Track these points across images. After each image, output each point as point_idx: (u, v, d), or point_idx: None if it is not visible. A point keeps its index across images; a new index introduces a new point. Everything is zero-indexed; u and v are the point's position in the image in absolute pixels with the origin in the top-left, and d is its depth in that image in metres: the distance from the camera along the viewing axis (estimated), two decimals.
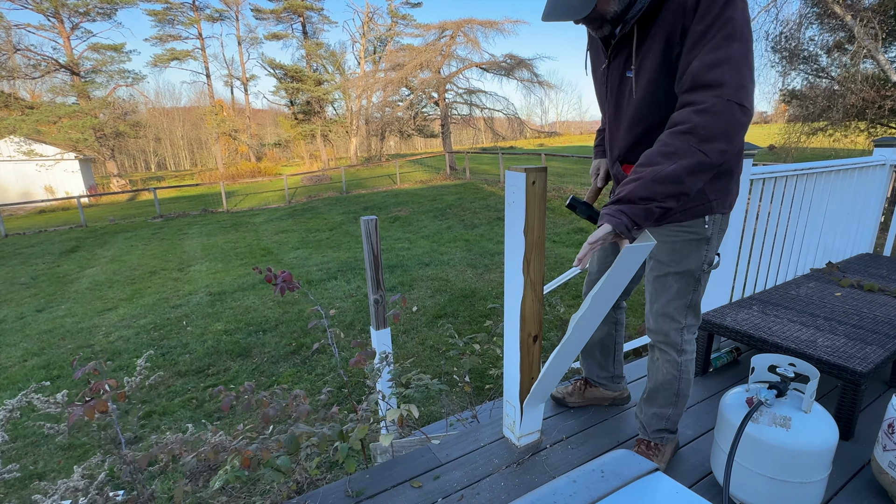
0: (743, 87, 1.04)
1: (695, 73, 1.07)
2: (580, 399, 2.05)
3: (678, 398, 1.63)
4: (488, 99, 24.72)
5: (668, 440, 1.70)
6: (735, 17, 1.04)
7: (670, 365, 1.59)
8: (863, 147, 11.65)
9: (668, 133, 1.10)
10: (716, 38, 1.04)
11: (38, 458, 3.56)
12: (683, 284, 1.47)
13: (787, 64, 11.27)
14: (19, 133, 22.24)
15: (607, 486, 0.61)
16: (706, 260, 1.44)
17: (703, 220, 1.38)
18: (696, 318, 1.55)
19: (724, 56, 1.03)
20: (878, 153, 3.19)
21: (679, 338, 1.55)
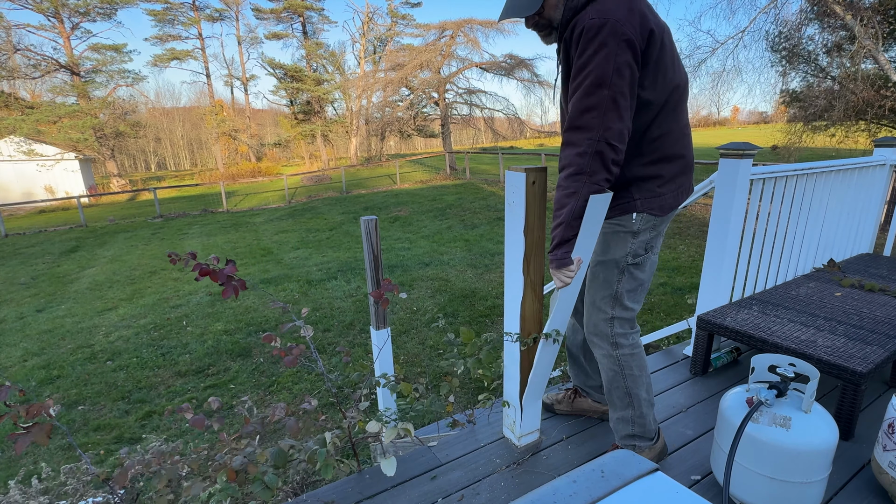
0: (609, 129, 1.26)
1: (571, 117, 1.29)
2: (568, 408, 2.04)
3: (631, 398, 1.61)
4: (488, 99, 24.75)
5: (641, 448, 1.65)
6: (605, 66, 1.23)
7: (608, 360, 1.61)
8: (864, 147, 11.65)
9: (564, 177, 1.32)
10: (586, 83, 1.25)
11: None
12: (608, 273, 1.54)
13: (787, 63, 11.26)
14: (19, 133, 22.24)
15: (607, 486, 0.61)
16: (630, 251, 1.50)
17: (630, 216, 1.48)
18: (625, 311, 1.56)
19: (594, 102, 1.25)
20: (878, 153, 3.19)
21: (608, 329, 1.57)
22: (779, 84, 12.09)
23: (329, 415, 3.60)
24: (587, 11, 1.28)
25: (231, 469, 1.40)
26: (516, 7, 1.36)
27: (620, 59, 1.23)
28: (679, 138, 1.45)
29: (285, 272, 8.27)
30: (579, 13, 1.30)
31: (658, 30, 1.30)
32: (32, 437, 1.24)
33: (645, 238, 1.51)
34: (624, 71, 1.24)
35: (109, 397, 4.39)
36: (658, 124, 1.39)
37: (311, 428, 1.63)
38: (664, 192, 1.47)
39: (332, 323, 5.68)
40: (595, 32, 1.23)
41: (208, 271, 1.48)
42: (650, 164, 1.43)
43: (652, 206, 1.47)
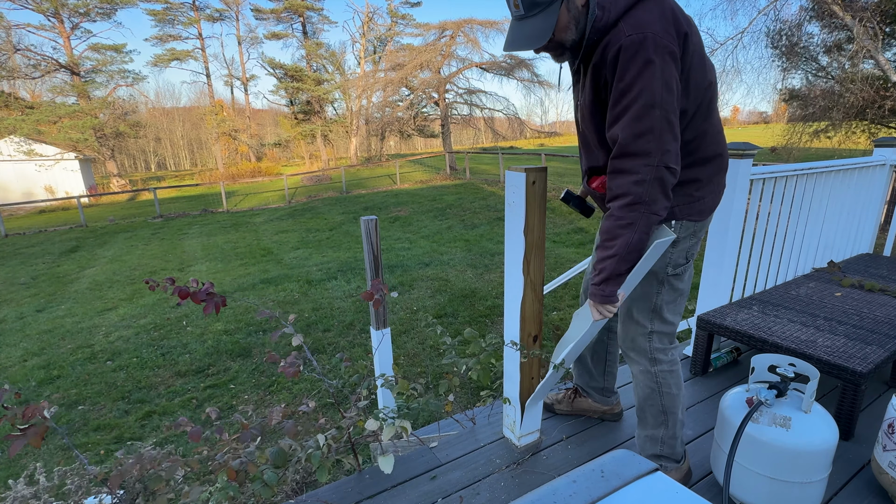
0: (668, 152, 1.17)
1: (623, 143, 1.18)
2: (568, 407, 2.03)
3: (667, 416, 1.55)
4: (488, 99, 24.77)
5: (668, 469, 1.59)
6: (653, 85, 1.13)
7: (645, 377, 1.54)
8: (864, 147, 11.65)
9: (618, 206, 1.22)
10: (636, 105, 1.15)
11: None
12: (647, 286, 1.46)
13: (787, 60, 11.25)
14: (19, 133, 22.25)
15: (607, 486, 0.61)
16: (671, 262, 1.44)
17: (669, 224, 1.40)
18: (665, 324, 1.50)
19: (647, 126, 1.15)
20: (878, 153, 3.19)
21: (647, 344, 1.50)
22: (779, 83, 12.10)
23: (329, 415, 3.60)
24: (620, 28, 1.16)
25: (231, 468, 1.40)
26: (522, 39, 1.23)
27: (667, 74, 1.14)
28: (714, 137, 1.36)
29: (285, 272, 8.27)
30: (609, 32, 1.18)
31: (689, 30, 1.21)
32: (26, 440, 1.25)
33: (685, 247, 1.44)
34: (672, 86, 1.15)
35: (109, 397, 4.38)
36: (693, 127, 1.30)
37: (310, 429, 1.63)
38: (703, 196, 1.39)
39: (332, 323, 5.68)
40: (636, 50, 1.13)
41: (188, 293, 1.49)
42: (686, 169, 1.33)
43: (691, 212, 1.39)
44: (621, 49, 1.14)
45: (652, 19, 1.15)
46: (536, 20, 1.20)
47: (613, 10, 1.17)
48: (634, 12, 1.17)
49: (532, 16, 1.20)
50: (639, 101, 1.14)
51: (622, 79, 1.15)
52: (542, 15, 1.19)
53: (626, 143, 1.17)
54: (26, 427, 1.27)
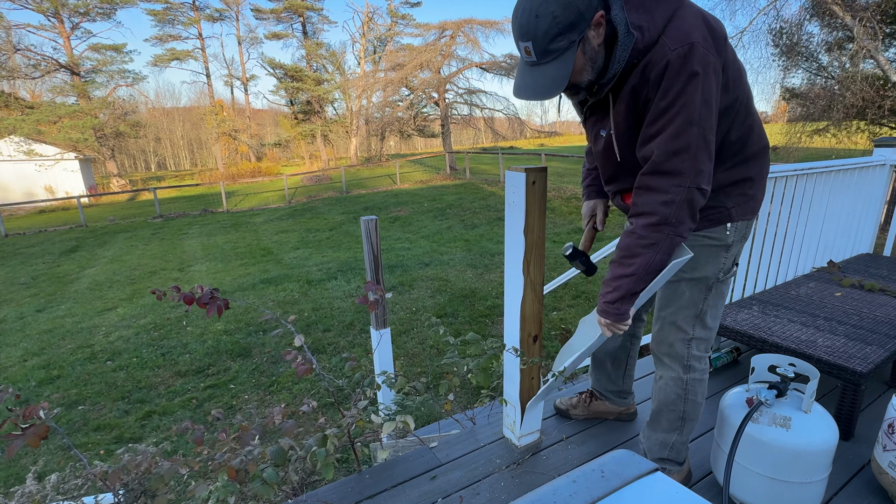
0: (701, 172, 1.11)
1: (657, 161, 1.12)
2: (584, 412, 2.02)
3: (684, 423, 1.52)
4: (488, 99, 24.77)
5: (671, 472, 1.59)
6: (695, 101, 1.07)
7: (674, 383, 1.50)
8: (864, 147, 11.65)
9: (642, 225, 1.17)
10: (675, 122, 1.08)
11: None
12: (696, 292, 1.40)
13: (787, 59, 11.25)
14: (19, 133, 22.25)
15: (607, 486, 0.61)
16: (723, 268, 1.39)
17: (724, 227, 1.34)
18: (706, 330, 1.46)
19: (684, 144, 1.09)
20: (878, 153, 3.19)
21: (685, 350, 1.46)
22: (778, 83, 12.10)
23: (329, 415, 3.60)
24: (662, 44, 1.08)
25: (231, 468, 1.40)
26: (536, 88, 1.14)
27: (708, 89, 1.08)
28: (759, 131, 1.29)
29: (285, 272, 8.27)
30: (649, 51, 1.09)
31: (721, 28, 1.15)
32: (24, 440, 1.25)
33: (736, 250, 1.39)
34: (711, 102, 1.10)
35: (109, 397, 4.38)
36: (739, 124, 1.23)
37: (310, 429, 1.64)
38: (756, 193, 1.34)
39: (332, 323, 5.68)
40: (682, 62, 1.05)
41: (193, 299, 1.53)
42: (735, 168, 1.27)
43: (746, 212, 1.34)
44: (668, 65, 1.06)
45: (692, 26, 1.08)
46: (549, 68, 1.10)
47: (653, 27, 1.09)
48: (674, 23, 1.09)
49: (545, 63, 1.10)
50: (679, 117, 1.08)
51: (665, 96, 1.09)
52: (557, 62, 1.09)
53: (660, 160, 1.11)
54: (26, 427, 1.27)
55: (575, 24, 1.05)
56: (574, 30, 1.06)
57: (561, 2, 1.04)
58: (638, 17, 1.09)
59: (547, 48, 1.07)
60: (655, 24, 1.09)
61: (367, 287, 1.82)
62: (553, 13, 1.04)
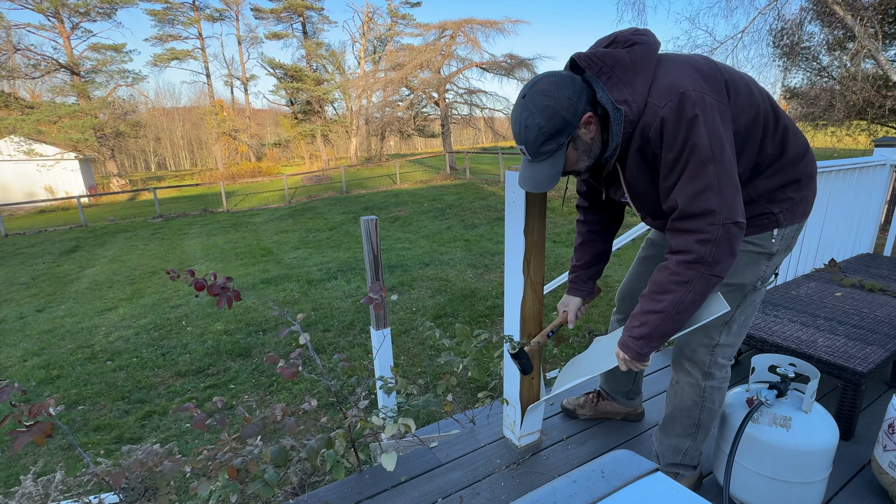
0: (732, 206, 1.09)
1: (682, 206, 1.12)
2: (592, 412, 2.01)
3: (698, 430, 1.49)
4: (488, 99, 24.81)
5: (683, 477, 1.58)
6: (700, 142, 1.07)
7: (692, 389, 1.46)
8: (864, 146, 11.65)
9: (676, 262, 1.15)
10: (689, 167, 1.09)
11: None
12: (729, 298, 1.34)
13: (788, 59, 11.25)
14: (19, 133, 22.25)
15: (607, 486, 0.61)
16: (762, 276, 1.34)
17: (770, 233, 1.29)
18: (732, 338, 1.41)
19: (704, 185, 1.08)
20: (879, 153, 3.19)
21: (707, 357, 1.42)
22: (778, 83, 12.10)
23: (330, 414, 3.60)
24: (651, 106, 1.10)
25: (231, 467, 1.40)
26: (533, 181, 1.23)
27: (713, 125, 1.07)
28: (795, 133, 1.26)
29: (285, 272, 8.27)
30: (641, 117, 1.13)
31: (716, 64, 1.18)
32: (30, 437, 1.24)
33: (779, 260, 1.35)
34: (721, 137, 1.08)
35: (109, 397, 4.39)
36: (771, 135, 1.22)
37: (311, 428, 1.64)
38: (805, 195, 1.29)
39: (332, 323, 5.68)
40: (676, 113, 1.07)
41: (204, 285, 1.54)
42: (776, 175, 1.25)
43: (794, 216, 1.29)
44: (664, 120, 1.09)
45: (676, 77, 1.10)
46: (544, 165, 1.20)
47: (637, 97, 1.12)
48: (656, 84, 1.12)
49: (539, 161, 1.20)
50: (691, 162, 1.08)
51: (671, 148, 1.10)
52: (549, 161, 1.20)
53: (686, 205, 1.10)
54: (31, 424, 1.26)
55: (561, 130, 1.15)
56: (561, 135, 1.15)
57: (546, 114, 1.13)
58: (620, 93, 1.13)
59: (538, 151, 1.18)
60: (638, 93, 1.12)
61: (373, 287, 1.82)
62: (539, 125, 1.14)
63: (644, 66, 1.13)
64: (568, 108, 1.13)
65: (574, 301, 1.64)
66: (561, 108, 1.13)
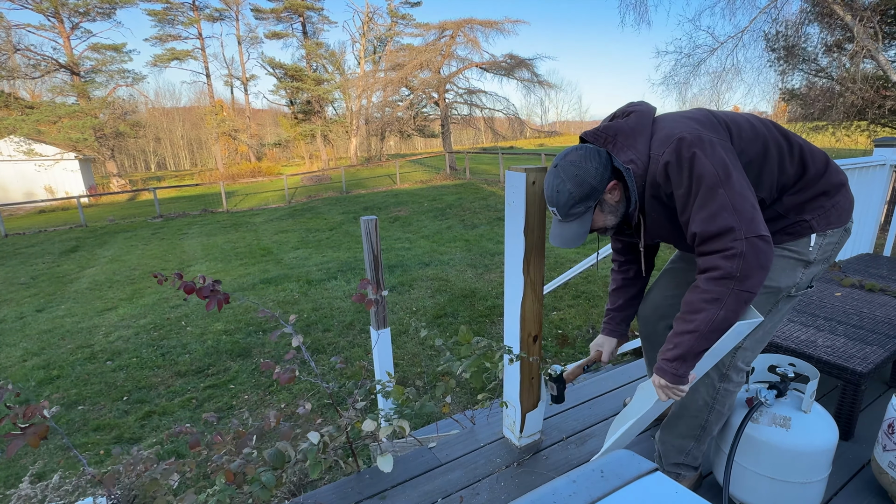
0: (752, 220, 1.10)
1: (701, 232, 1.15)
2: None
3: (703, 432, 1.48)
4: (488, 99, 24.73)
5: (684, 477, 1.58)
6: (705, 171, 1.12)
7: (706, 389, 1.43)
8: (864, 147, 11.65)
9: (705, 279, 1.16)
10: (700, 195, 1.14)
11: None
12: (762, 301, 1.33)
13: (786, 63, 11.26)
14: (19, 133, 22.24)
15: (607, 486, 0.61)
16: (798, 283, 1.33)
17: (807, 239, 1.29)
18: (754, 343, 1.39)
19: (718, 207, 1.11)
20: (878, 153, 3.19)
21: (728, 358, 1.39)
22: (778, 84, 12.09)
23: (328, 416, 3.60)
24: (653, 158, 1.20)
25: (228, 471, 1.40)
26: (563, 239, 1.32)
27: (715, 157, 1.13)
28: (812, 152, 1.30)
29: (285, 272, 8.27)
30: (648, 170, 1.22)
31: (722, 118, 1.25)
32: (25, 440, 1.24)
33: (816, 270, 1.34)
34: (727, 163, 1.13)
35: (109, 397, 4.38)
36: (788, 160, 1.26)
37: (307, 430, 1.63)
38: (838, 202, 1.31)
39: (332, 323, 5.68)
40: (677, 154, 1.15)
41: (193, 288, 1.54)
42: (801, 191, 1.28)
43: (830, 220, 1.29)
44: (668, 164, 1.17)
45: (671, 128, 1.20)
46: (573, 225, 1.31)
47: (641, 154, 1.23)
48: (655, 138, 1.22)
49: (569, 221, 1.31)
50: (701, 191, 1.13)
51: (680, 185, 1.17)
52: (578, 221, 1.30)
53: (704, 229, 1.14)
54: (26, 426, 1.26)
55: (589, 195, 1.27)
56: (589, 199, 1.27)
57: (576, 181, 1.25)
58: (625, 155, 1.25)
59: (568, 213, 1.30)
60: (641, 151, 1.24)
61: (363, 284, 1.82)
62: (570, 191, 1.26)
63: (642, 129, 1.25)
64: (595, 177, 1.25)
65: (610, 342, 1.69)
66: (588, 177, 1.25)
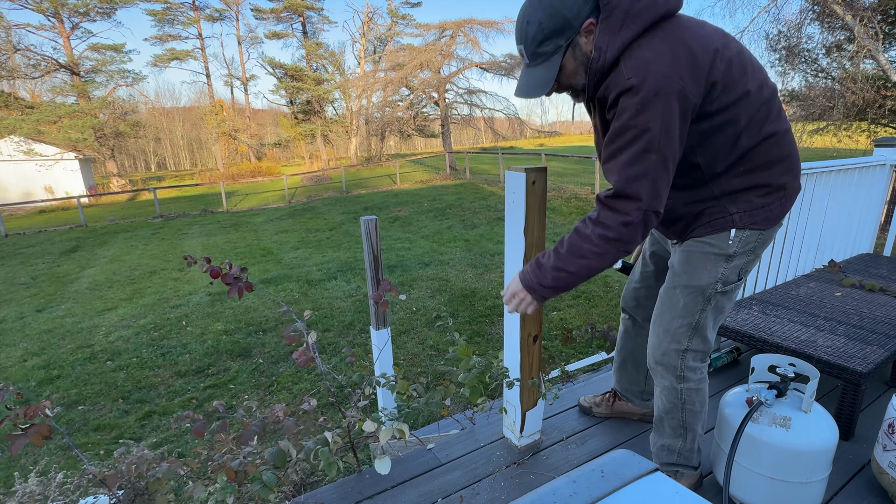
0: (658, 197, 1.15)
1: (618, 187, 1.16)
2: (608, 411, 2.01)
3: (686, 431, 1.51)
4: (488, 99, 24.78)
5: (683, 475, 1.58)
6: (651, 128, 1.09)
7: (669, 393, 1.48)
8: (864, 147, 11.65)
9: (599, 236, 1.19)
10: (632, 148, 1.12)
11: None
12: (690, 301, 1.36)
13: (786, 63, 11.26)
14: (19, 133, 22.25)
15: (607, 486, 0.61)
16: (721, 278, 1.33)
17: (726, 234, 1.30)
18: (704, 343, 1.41)
19: (641, 170, 1.12)
20: (878, 153, 3.19)
21: (678, 361, 1.42)
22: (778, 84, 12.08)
23: (329, 415, 3.60)
24: (620, 70, 1.12)
25: (230, 469, 1.40)
26: (526, 87, 1.25)
27: (668, 118, 1.09)
28: (782, 137, 1.25)
29: (285, 272, 8.27)
30: (609, 73, 1.15)
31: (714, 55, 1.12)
32: (28, 439, 1.24)
33: (740, 262, 1.32)
34: (672, 129, 1.11)
35: (109, 397, 4.38)
36: (752, 131, 1.21)
37: (310, 428, 1.63)
38: (769, 202, 1.28)
39: (332, 323, 5.68)
40: (636, 92, 1.08)
41: (219, 273, 1.57)
42: (745, 175, 1.25)
43: (755, 220, 1.28)
44: (620, 94, 1.11)
45: (654, 57, 1.09)
46: (539, 70, 1.21)
47: (610, 49, 1.13)
48: (634, 51, 1.11)
49: (535, 65, 1.21)
50: (635, 145, 1.11)
51: (619, 118, 1.13)
52: (545, 65, 1.20)
53: (621, 186, 1.16)
54: (28, 426, 1.26)
55: (561, 30, 1.14)
56: (560, 35, 1.15)
57: (548, 10, 1.13)
58: (601, 38, 1.14)
59: (535, 51, 1.18)
60: (613, 46, 1.12)
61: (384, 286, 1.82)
62: (539, 20, 1.14)
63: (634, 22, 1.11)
64: (571, 9, 1.12)
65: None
66: (564, 7, 1.12)
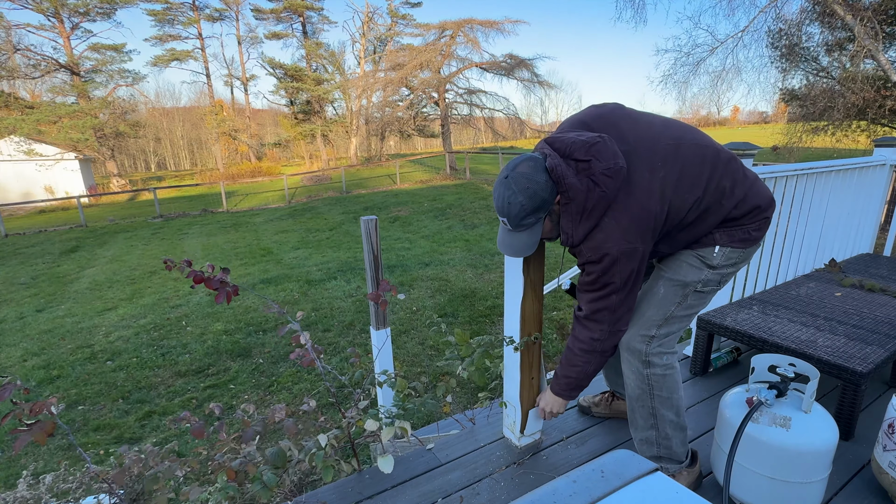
0: (620, 320, 1.43)
1: (586, 312, 1.44)
2: (606, 410, 2.02)
3: (658, 420, 1.52)
4: (488, 99, 24.71)
5: (671, 471, 1.56)
6: (613, 282, 1.33)
7: (635, 377, 1.52)
8: (864, 147, 11.65)
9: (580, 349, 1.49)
10: (598, 293, 1.38)
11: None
12: (671, 292, 1.47)
13: (787, 61, 11.25)
14: (19, 133, 22.23)
15: (607, 486, 0.61)
16: (702, 279, 1.45)
17: (711, 249, 1.43)
18: (669, 332, 1.49)
19: (605, 305, 1.39)
20: (878, 153, 3.19)
21: (643, 346, 1.48)
22: (779, 83, 12.09)
23: (329, 415, 3.60)
24: (582, 250, 1.35)
25: (230, 469, 1.40)
26: (512, 248, 1.44)
27: (626, 272, 1.31)
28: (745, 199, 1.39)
29: (285, 272, 8.27)
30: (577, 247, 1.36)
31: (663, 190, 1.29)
32: (31, 436, 1.23)
33: (721, 272, 1.45)
34: (632, 276, 1.33)
35: (109, 397, 4.38)
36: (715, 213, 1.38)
37: (310, 428, 1.63)
38: (745, 226, 1.42)
39: (332, 323, 5.68)
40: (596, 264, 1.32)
41: (202, 278, 1.51)
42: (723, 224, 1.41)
43: (734, 240, 1.41)
44: (586, 263, 1.36)
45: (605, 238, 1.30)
46: (522, 235, 1.38)
47: (575, 235, 1.34)
48: (594, 234, 1.31)
49: (519, 231, 1.37)
50: (599, 292, 1.37)
51: (588, 274, 1.37)
52: (528, 232, 1.38)
53: (588, 313, 1.44)
54: (32, 423, 1.25)
55: (540, 207, 1.32)
56: (540, 211, 1.33)
57: (528, 193, 1.30)
58: (566, 223, 1.34)
59: (519, 224, 1.35)
60: (576, 235, 1.34)
61: (384, 286, 1.82)
62: (521, 203, 1.31)
63: (589, 218, 1.31)
64: (546, 190, 1.30)
65: None
66: (541, 190, 1.30)
